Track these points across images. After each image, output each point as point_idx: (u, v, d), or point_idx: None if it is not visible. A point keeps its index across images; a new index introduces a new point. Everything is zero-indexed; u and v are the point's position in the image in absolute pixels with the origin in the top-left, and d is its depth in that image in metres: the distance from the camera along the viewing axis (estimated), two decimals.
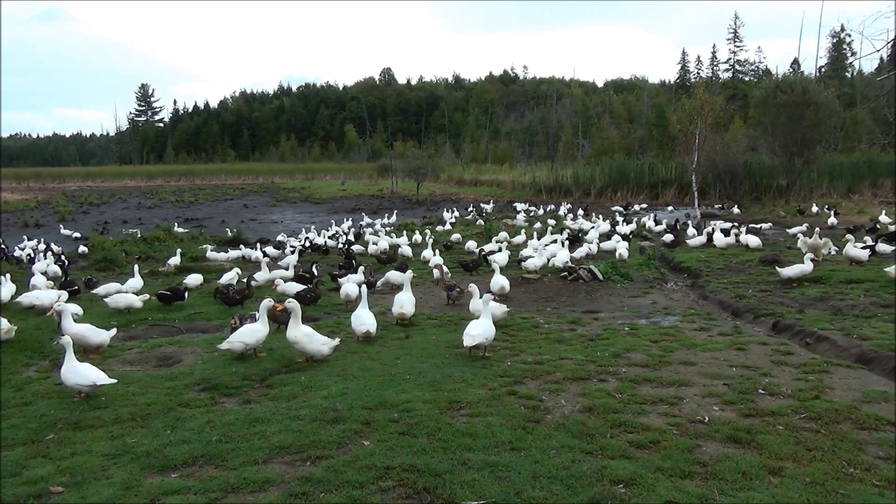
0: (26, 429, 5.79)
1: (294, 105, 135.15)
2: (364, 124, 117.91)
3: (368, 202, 47.05)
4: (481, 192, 52.53)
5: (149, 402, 6.39)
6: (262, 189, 66.36)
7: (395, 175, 59.86)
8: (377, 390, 6.55)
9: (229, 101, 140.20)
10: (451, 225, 27.91)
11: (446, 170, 66.92)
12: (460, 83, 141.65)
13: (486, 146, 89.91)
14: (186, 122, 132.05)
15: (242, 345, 7.93)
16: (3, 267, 17.35)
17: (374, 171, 79.63)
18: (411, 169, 53.69)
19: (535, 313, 10.59)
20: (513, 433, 5.35)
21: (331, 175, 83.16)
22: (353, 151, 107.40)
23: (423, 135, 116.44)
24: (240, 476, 4.71)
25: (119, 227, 30.42)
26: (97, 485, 4.68)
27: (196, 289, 13.33)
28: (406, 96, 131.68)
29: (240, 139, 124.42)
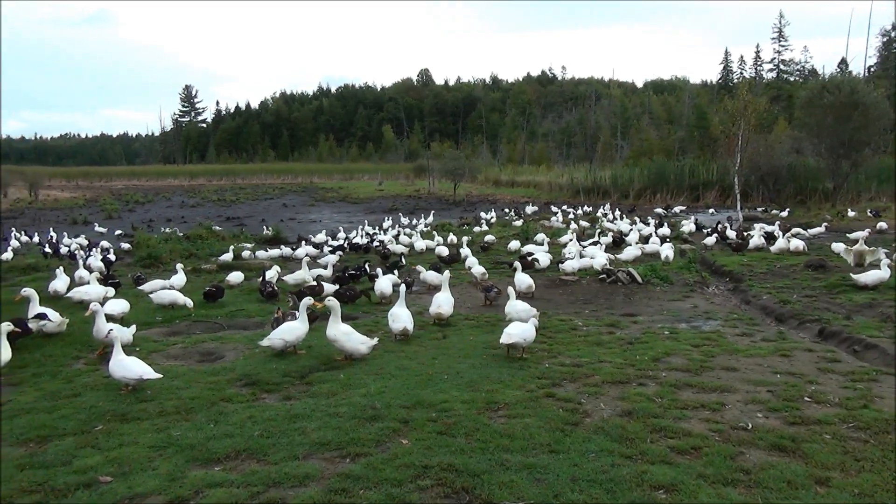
0: (76, 419, 5.96)
1: (333, 106, 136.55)
2: (401, 125, 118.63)
3: (405, 202, 47.26)
4: (518, 193, 52.36)
5: (192, 396, 6.53)
6: (301, 189, 67.21)
7: (432, 175, 60.00)
8: (415, 389, 6.58)
9: (269, 102, 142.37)
10: (488, 225, 27.86)
11: (483, 171, 66.84)
12: (498, 84, 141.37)
13: (523, 147, 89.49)
14: (228, 123, 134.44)
15: (282, 342, 8.05)
16: (53, 262, 17.91)
17: (410, 171, 79.99)
18: (448, 169, 53.73)
19: (573, 315, 10.52)
20: (551, 435, 5.33)
21: (368, 175, 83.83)
22: (391, 152, 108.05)
23: (460, 135, 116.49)
24: (281, 471, 4.79)
25: (163, 225, 31.12)
26: (143, 475, 4.81)
27: (238, 286, 13.57)
28: (443, 97, 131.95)
29: (279, 139, 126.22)
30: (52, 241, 23.50)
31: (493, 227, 27.35)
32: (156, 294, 11.25)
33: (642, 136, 73.49)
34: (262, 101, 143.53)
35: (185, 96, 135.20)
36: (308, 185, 74.48)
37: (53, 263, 17.61)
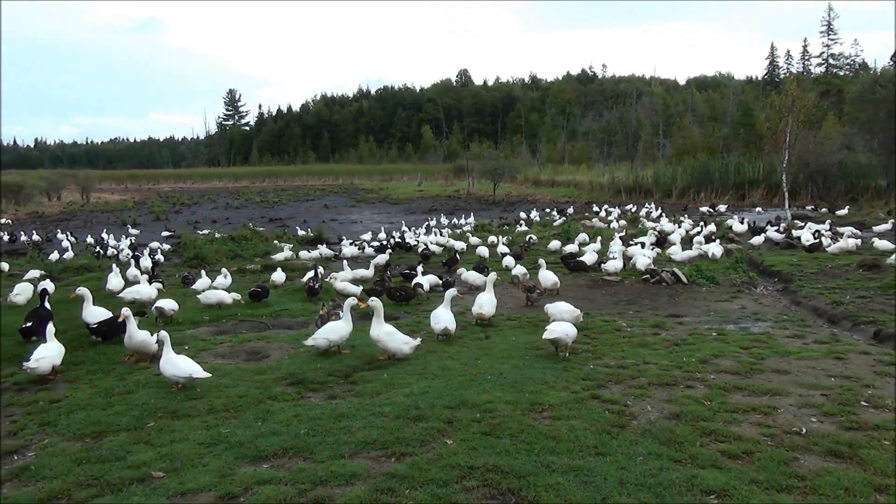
0: (129, 416, 6.12)
1: (372, 107, 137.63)
2: (440, 125, 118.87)
3: (445, 203, 47.36)
4: (558, 193, 51.98)
5: (240, 394, 6.64)
6: (342, 190, 67.94)
7: (471, 176, 59.98)
8: (458, 390, 6.58)
9: (310, 105, 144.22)
10: (527, 225, 27.73)
11: (522, 170, 66.60)
12: (537, 83, 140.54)
13: (562, 146, 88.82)
14: (270, 126, 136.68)
15: (326, 341, 8.13)
16: (104, 262, 18.46)
17: (449, 171, 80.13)
18: (487, 170, 53.67)
19: (617, 316, 10.38)
20: (597, 437, 5.26)
21: (408, 176, 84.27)
22: (430, 152, 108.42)
23: (499, 135, 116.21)
24: (327, 469, 4.83)
25: (208, 226, 31.79)
26: (194, 471, 4.91)
27: (282, 286, 13.78)
28: (482, 97, 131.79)
29: (320, 141, 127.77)
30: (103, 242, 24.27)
31: (534, 227, 27.21)
32: (203, 294, 11.50)
33: (685, 133, 72.23)
34: (303, 104, 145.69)
35: (228, 100, 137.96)
36: (349, 186, 75.26)
37: (104, 264, 18.19)
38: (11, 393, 7.10)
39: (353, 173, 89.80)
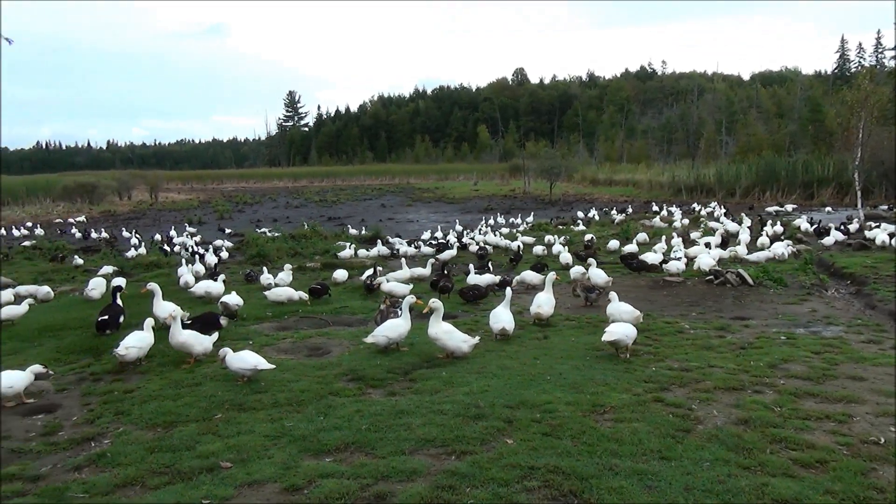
0: (198, 407, 6.33)
1: (428, 107, 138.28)
2: (496, 125, 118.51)
3: (501, 202, 47.19)
4: (616, 192, 51.13)
5: (302, 388, 6.78)
6: (399, 189, 68.52)
7: (528, 175, 59.56)
8: (517, 389, 6.54)
9: (368, 105, 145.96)
10: (585, 225, 27.38)
11: (579, 169, 65.78)
12: (594, 81, 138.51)
13: (620, 145, 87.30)
14: (329, 126, 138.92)
15: (386, 339, 8.21)
16: (173, 259, 19.14)
17: (505, 171, 79.80)
18: (544, 169, 53.19)
19: (679, 318, 10.14)
20: (661, 441, 5.15)
21: (463, 175, 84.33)
22: (485, 152, 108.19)
23: (556, 134, 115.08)
24: (388, 465, 4.88)
25: (270, 225, 32.54)
26: (260, 463, 5.03)
27: (342, 284, 14.00)
28: (538, 96, 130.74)
29: (377, 141, 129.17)
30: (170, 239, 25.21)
31: (592, 227, 26.85)
32: (272, 291, 11.80)
33: (749, 130, 69.90)
34: (360, 105, 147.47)
35: (288, 102, 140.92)
36: (405, 185, 75.83)
37: (172, 260, 18.85)
38: (88, 383, 7.43)
39: (410, 173, 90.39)
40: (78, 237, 29.38)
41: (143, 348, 7.95)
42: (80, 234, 29.84)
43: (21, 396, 6.68)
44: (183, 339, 7.88)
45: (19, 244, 25.80)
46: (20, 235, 29.99)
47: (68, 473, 5.04)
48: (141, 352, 7.90)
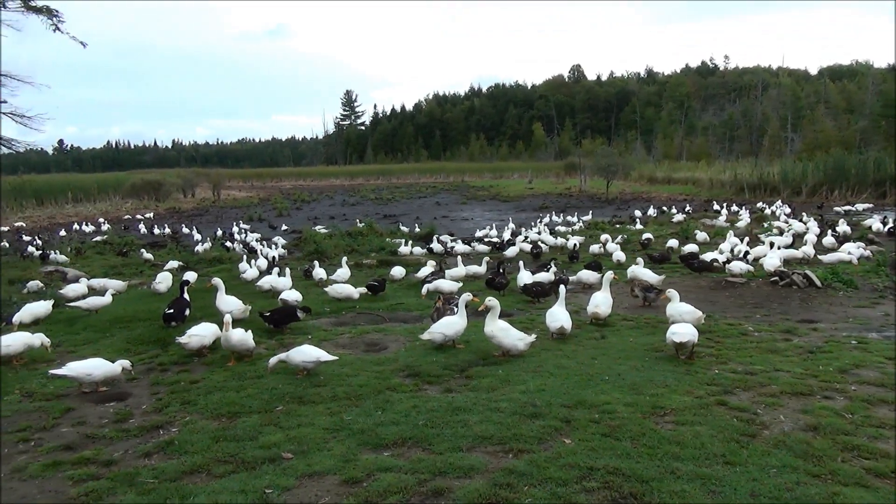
0: (260, 399, 6.49)
1: (483, 105, 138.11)
2: (552, 122, 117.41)
3: (556, 200, 46.75)
4: (675, 191, 49.97)
5: (360, 383, 6.87)
6: (453, 187, 68.65)
7: (584, 173, 58.82)
8: (575, 389, 6.48)
9: (423, 104, 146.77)
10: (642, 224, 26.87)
11: (637, 167, 64.49)
12: (653, 77, 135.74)
13: (680, 142, 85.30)
14: (384, 125, 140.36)
15: (442, 336, 8.25)
16: (234, 255, 19.67)
17: (561, 169, 78.98)
18: (600, 167, 52.39)
19: (743, 320, 9.85)
20: (725, 446, 5.02)
21: (518, 173, 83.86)
22: (541, 150, 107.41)
23: (613, 131, 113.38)
24: (446, 461, 4.90)
25: (326, 222, 33.09)
26: (320, 455, 5.13)
27: (399, 281, 14.14)
28: (595, 92, 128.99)
29: (432, 139, 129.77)
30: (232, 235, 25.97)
31: (649, 226, 26.34)
32: (331, 288, 12.03)
33: (816, 127, 67.27)
34: (416, 104, 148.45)
35: (346, 101, 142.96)
36: (459, 183, 75.92)
37: (235, 256, 19.38)
38: (156, 373, 7.71)
39: (464, 171, 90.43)
40: (143, 233, 30.65)
41: (206, 337, 8.22)
42: (146, 230, 31.16)
43: (98, 385, 6.99)
44: (237, 338, 7.91)
45: (90, 239, 26.98)
46: (90, 231, 31.38)
47: (139, 459, 5.24)
48: (203, 340, 8.16)
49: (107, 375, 6.97)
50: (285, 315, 9.57)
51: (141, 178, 56.35)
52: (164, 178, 58.19)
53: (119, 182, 56.33)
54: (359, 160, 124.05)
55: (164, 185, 54.80)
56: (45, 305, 10.49)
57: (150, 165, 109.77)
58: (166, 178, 58.54)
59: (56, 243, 24.82)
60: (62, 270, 16.36)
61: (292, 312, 9.59)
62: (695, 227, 22.91)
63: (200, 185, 62.04)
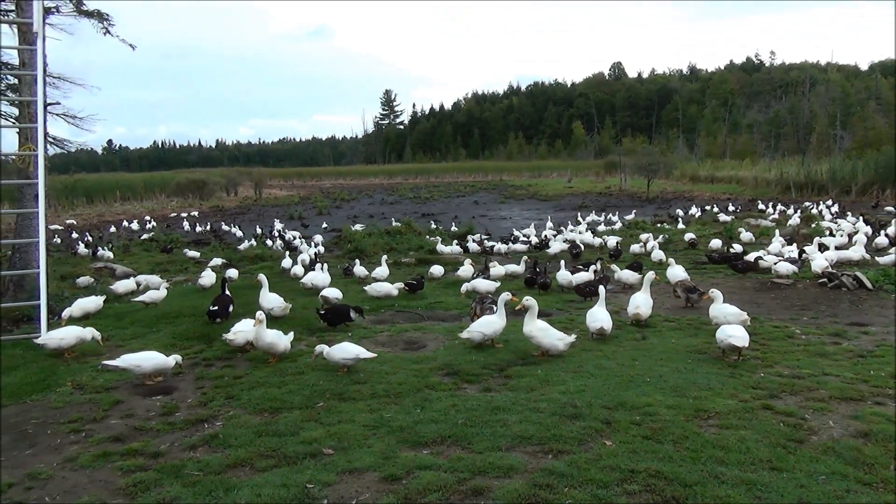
0: (301, 395, 6.58)
1: (522, 104, 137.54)
2: (592, 121, 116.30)
3: (595, 200, 46.29)
4: (718, 190, 49.03)
5: (400, 381, 6.91)
6: (491, 186, 68.52)
7: (624, 172, 58.10)
8: (615, 390, 6.41)
9: (461, 103, 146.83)
10: (685, 223, 26.41)
11: (679, 166, 63.41)
12: (696, 74, 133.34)
13: (723, 140, 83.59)
14: (423, 124, 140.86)
15: (481, 335, 8.25)
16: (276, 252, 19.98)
17: (600, 168, 78.18)
18: (641, 165, 51.67)
19: (789, 322, 9.61)
20: (771, 451, 4.90)
21: (557, 172, 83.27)
22: (580, 148, 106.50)
23: (654, 130, 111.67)
24: (485, 460, 4.89)
25: (366, 221, 33.36)
26: (360, 451, 5.18)
27: (438, 279, 14.19)
28: (636, 90, 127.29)
29: (470, 139, 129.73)
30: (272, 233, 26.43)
31: (692, 225, 25.89)
32: (370, 286, 12.13)
33: (867, 124, 65.17)
34: (454, 103, 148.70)
35: (385, 100, 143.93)
36: (498, 182, 75.73)
37: (276, 254, 19.69)
38: (201, 368, 7.88)
39: (503, 170, 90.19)
40: (188, 230, 31.44)
41: (249, 333, 8.36)
42: (189, 227, 32.00)
43: (149, 377, 7.20)
44: (269, 339, 7.82)
45: (138, 237, 27.73)
46: (137, 229, 32.27)
47: (184, 452, 5.37)
48: (247, 336, 8.31)
49: (156, 368, 7.16)
50: (339, 315, 9.71)
51: (186, 177, 57.64)
52: (208, 177, 59.39)
53: (165, 181, 57.72)
54: (397, 159, 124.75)
55: (208, 184, 55.96)
56: (95, 301, 10.81)
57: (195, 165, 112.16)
58: (210, 177, 59.74)
59: (105, 240, 25.58)
60: (111, 267, 16.84)
61: (346, 313, 9.71)
62: (739, 226, 22.42)
63: (243, 183, 63.18)
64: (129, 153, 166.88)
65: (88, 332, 8.45)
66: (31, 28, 10.80)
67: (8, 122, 13.63)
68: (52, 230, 28.40)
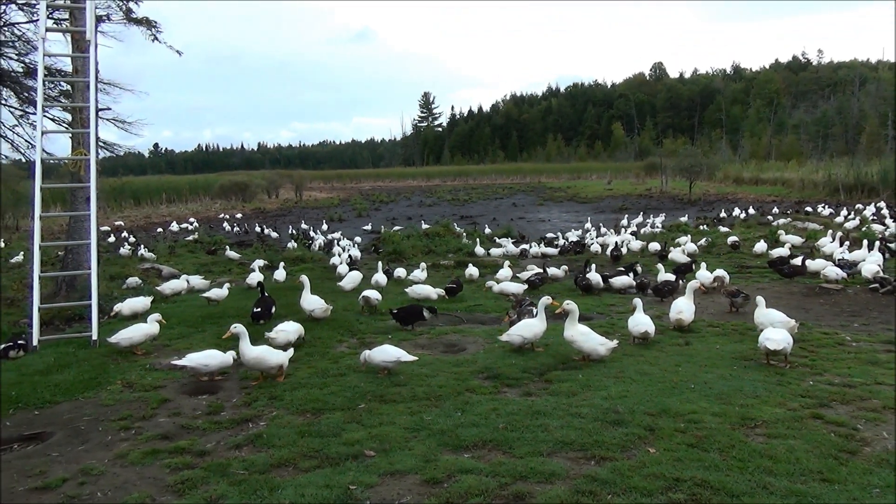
0: (343, 397, 6.64)
1: (561, 105, 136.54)
2: (632, 122, 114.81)
3: (636, 202, 45.70)
4: (763, 192, 47.88)
5: (440, 384, 6.92)
6: (530, 188, 68.19)
7: (665, 174, 57.23)
8: (658, 396, 6.31)
9: (500, 105, 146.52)
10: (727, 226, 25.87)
11: (722, 167, 62.12)
12: (740, 73, 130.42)
13: (768, 141, 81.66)
14: (461, 126, 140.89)
15: (520, 338, 8.22)
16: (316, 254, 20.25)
17: (641, 169, 77.10)
18: (683, 167, 50.79)
19: (839, 329, 9.34)
20: (822, 462, 4.77)
21: (596, 174, 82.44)
22: (620, 150, 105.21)
23: (696, 131, 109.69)
24: (527, 465, 4.87)
25: (404, 223, 33.55)
26: (401, 454, 5.20)
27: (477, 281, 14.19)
28: (678, 91, 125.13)
29: (509, 140, 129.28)
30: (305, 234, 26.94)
31: (736, 228, 25.35)
32: (411, 289, 12.21)
33: None
34: (493, 105, 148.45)
35: (423, 103, 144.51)
36: (536, 184, 75.31)
37: (317, 255, 19.95)
38: (245, 368, 8.00)
39: (541, 172, 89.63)
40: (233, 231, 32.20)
41: (290, 333, 8.51)
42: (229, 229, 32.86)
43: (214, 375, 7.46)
44: (254, 354, 7.18)
45: (182, 238, 28.39)
46: (177, 230, 33.08)
47: (230, 451, 5.47)
48: (289, 335, 8.45)
49: (221, 365, 7.37)
50: (411, 314, 9.83)
51: (229, 180, 58.78)
52: (251, 179, 60.46)
53: (209, 183, 58.95)
54: (436, 161, 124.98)
55: (251, 187, 56.95)
56: (143, 301, 11.10)
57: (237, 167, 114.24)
58: (252, 179, 60.80)
59: (151, 242, 26.25)
60: (158, 267, 17.27)
61: (419, 312, 9.81)
62: (786, 229, 21.88)
63: (284, 186, 64.11)
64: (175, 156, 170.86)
65: (155, 327, 8.69)
66: (84, 36, 11.16)
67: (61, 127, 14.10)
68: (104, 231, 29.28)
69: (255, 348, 7.27)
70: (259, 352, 7.25)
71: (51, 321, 10.77)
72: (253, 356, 7.19)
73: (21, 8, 16.25)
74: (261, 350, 7.30)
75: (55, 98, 15.86)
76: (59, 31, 13.11)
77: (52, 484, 4.87)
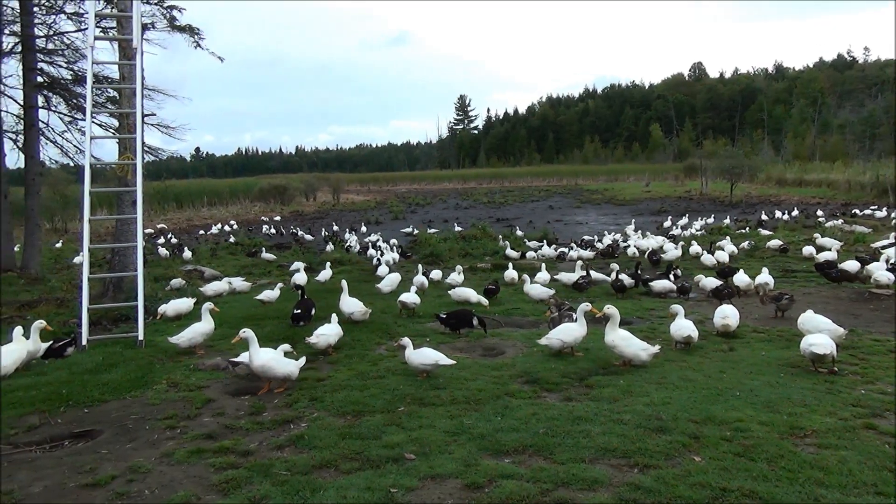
0: (382, 399, 6.67)
1: (598, 107, 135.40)
2: (670, 123, 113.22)
3: (675, 204, 45.01)
4: (807, 194, 46.73)
5: (479, 388, 6.90)
6: (566, 190, 67.74)
7: (705, 175, 56.25)
8: (703, 403, 6.19)
9: (536, 107, 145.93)
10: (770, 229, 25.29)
11: (764, 169, 60.81)
12: (782, 72, 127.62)
13: (812, 141, 79.69)
14: (497, 129, 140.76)
15: (560, 342, 8.15)
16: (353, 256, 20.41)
17: (679, 171, 76.02)
18: (723, 168, 49.85)
19: (891, 336, 9.04)
20: (876, 474, 4.62)
21: (634, 176, 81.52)
22: (658, 151, 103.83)
23: (737, 131, 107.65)
24: (568, 472, 4.82)
25: (440, 226, 33.61)
26: (441, 458, 5.19)
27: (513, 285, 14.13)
28: (718, 91, 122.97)
29: (545, 142, 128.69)
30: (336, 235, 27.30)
31: (779, 231, 24.77)
32: (453, 291, 12.23)
33: None
34: (529, 107, 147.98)
35: (459, 106, 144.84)
36: (573, 187, 74.78)
37: (353, 257, 20.11)
38: None
39: (578, 174, 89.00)
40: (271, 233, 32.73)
41: (331, 336, 8.59)
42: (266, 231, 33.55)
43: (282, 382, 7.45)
44: (262, 361, 7.02)
45: (223, 240, 28.92)
46: (216, 232, 33.72)
47: (272, 451, 5.53)
48: (329, 339, 8.54)
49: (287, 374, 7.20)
50: (461, 319, 9.61)
51: (268, 183, 59.69)
52: (289, 182, 61.29)
53: (248, 186, 59.97)
54: (471, 164, 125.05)
55: (289, 190, 57.75)
56: (187, 302, 11.33)
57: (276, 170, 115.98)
58: (290, 182, 61.63)
59: (192, 244, 26.78)
60: (200, 269, 17.61)
61: (468, 319, 9.54)
62: (832, 232, 21.30)
63: (321, 188, 64.83)
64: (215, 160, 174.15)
65: (211, 324, 8.89)
66: (131, 44, 11.45)
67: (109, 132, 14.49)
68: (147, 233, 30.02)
69: (263, 355, 7.07)
70: (266, 360, 7.04)
71: (98, 321, 11.05)
72: (259, 364, 7.00)
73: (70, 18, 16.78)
74: (268, 358, 7.08)
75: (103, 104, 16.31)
76: (106, 40, 13.49)
77: (102, 481, 4.99)
